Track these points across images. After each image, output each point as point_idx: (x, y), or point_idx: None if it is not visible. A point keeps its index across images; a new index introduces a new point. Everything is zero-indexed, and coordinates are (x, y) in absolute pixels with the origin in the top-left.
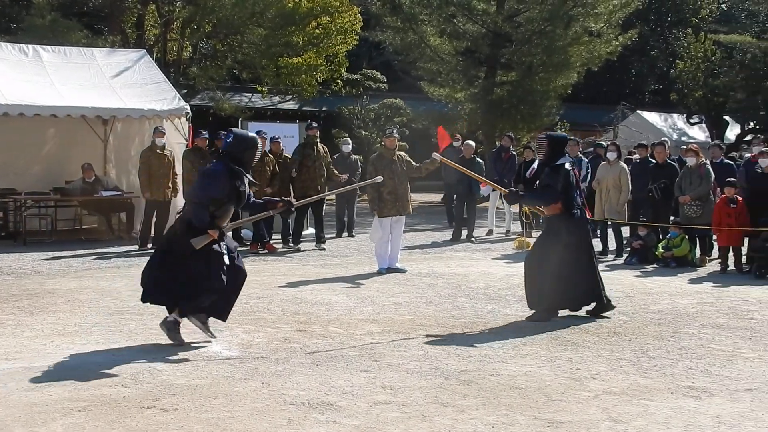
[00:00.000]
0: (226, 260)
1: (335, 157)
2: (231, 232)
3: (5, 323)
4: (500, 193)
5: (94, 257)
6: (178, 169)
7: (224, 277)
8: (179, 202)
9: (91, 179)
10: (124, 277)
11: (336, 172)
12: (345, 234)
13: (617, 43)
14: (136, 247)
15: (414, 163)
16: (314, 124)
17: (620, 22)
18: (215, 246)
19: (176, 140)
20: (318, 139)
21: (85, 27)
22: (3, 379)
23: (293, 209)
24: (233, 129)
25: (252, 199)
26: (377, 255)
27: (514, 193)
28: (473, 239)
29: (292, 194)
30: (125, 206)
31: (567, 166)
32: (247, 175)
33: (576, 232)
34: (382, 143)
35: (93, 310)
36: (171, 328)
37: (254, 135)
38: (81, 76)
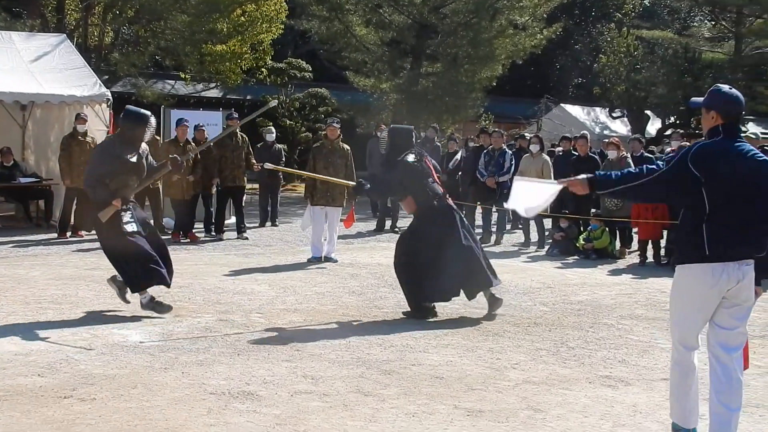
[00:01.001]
0: (130, 228)
1: (259, 146)
2: (153, 221)
3: None
4: None
5: (11, 245)
6: None
7: (142, 245)
8: None
9: (9, 164)
10: (42, 265)
11: (254, 161)
12: (268, 223)
13: (542, 36)
14: (55, 235)
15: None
16: (235, 115)
17: (545, 15)
18: (122, 216)
19: (97, 127)
20: (238, 129)
21: (4, 10)
22: None
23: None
24: (128, 106)
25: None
26: (311, 245)
27: (358, 185)
28: (397, 229)
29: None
30: (44, 193)
31: (409, 159)
32: (142, 149)
33: (436, 223)
34: (323, 133)
35: (9, 299)
36: (149, 306)
37: (147, 112)
38: None
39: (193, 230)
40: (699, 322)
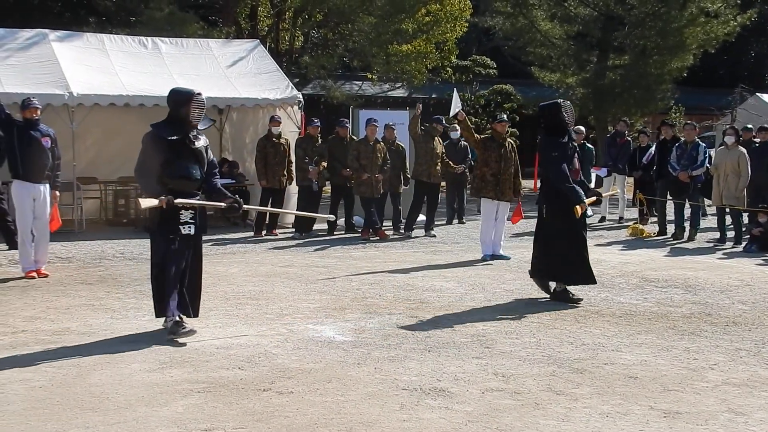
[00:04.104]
0: (183, 230)
1: (445, 144)
2: (337, 219)
3: (128, 307)
4: (614, 179)
5: (210, 243)
6: (292, 157)
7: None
8: (293, 189)
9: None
10: (240, 263)
11: (451, 163)
12: (455, 221)
13: (735, 23)
14: (251, 233)
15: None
16: (444, 120)
17: (739, 1)
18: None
19: (289, 128)
20: (440, 133)
21: (201, 19)
22: (126, 360)
23: (239, 211)
24: (173, 87)
25: (214, 179)
26: (481, 241)
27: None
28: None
29: (402, 182)
30: (240, 194)
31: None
32: (195, 134)
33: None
34: (490, 127)
35: (210, 295)
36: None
37: (189, 89)
38: (197, 66)
39: (383, 228)
40: None
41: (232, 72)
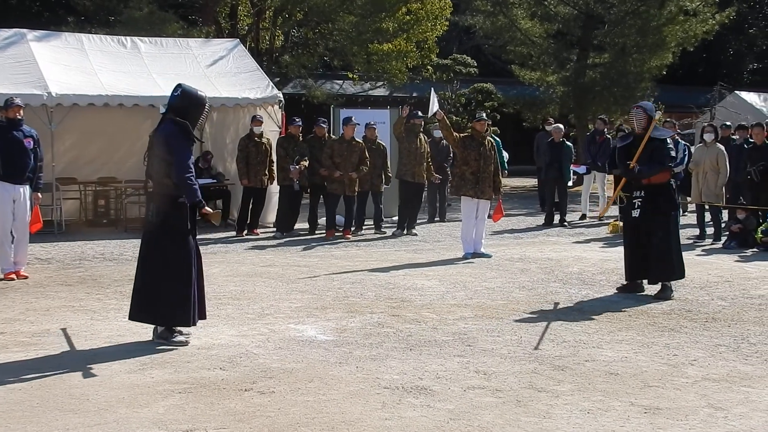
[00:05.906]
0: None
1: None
2: (318, 219)
3: (108, 307)
4: (594, 176)
5: None
6: (273, 156)
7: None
8: (275, 188)
9: (205, 167)
10: (221, 263)
11: (432, 170)
12: (437, 219)
13: (714, 21)
14: (233, 233)
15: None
16: (420, 114)
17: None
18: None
19: (270, 128)
20: (420, 127)
21: (181, 18)
22: (107, 361)
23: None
24: (182, 84)
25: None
26: (462, 240)
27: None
28: (566, 224)
29: (383, 180)
30: (222, 193)
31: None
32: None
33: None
34: (471, 126)
35: None
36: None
37: (203, 93)
38: (177, 66)
39: (362, 227)
40: None
41: (212, 71)
